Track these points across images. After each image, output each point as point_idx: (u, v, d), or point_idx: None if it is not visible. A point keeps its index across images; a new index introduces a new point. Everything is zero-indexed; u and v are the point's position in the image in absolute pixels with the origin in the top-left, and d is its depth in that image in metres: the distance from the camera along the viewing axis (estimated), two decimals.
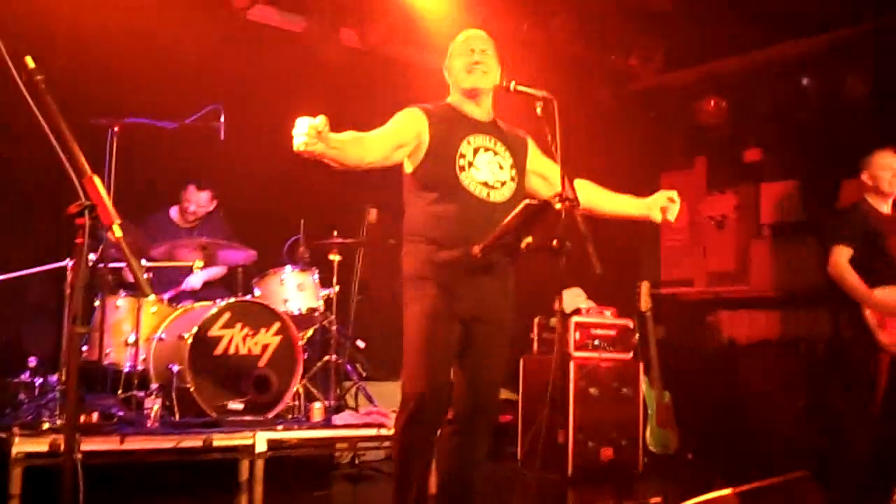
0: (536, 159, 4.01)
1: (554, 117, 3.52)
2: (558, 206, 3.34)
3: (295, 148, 3.27)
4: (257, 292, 6.18)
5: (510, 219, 3.47)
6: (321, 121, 3.24)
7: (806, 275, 7.73)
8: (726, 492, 3.32)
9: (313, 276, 6.33)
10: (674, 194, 3.97)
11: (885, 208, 5.50)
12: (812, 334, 7.86)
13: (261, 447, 5.16)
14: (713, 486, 3.47)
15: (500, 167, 3.85)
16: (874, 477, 5.06)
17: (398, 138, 3.75)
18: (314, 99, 7.22)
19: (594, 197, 3.96)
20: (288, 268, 6.26)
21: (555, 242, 3.33)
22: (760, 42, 7.93)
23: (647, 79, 8.73)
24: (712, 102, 8.43)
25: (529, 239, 3.51)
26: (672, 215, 3.97)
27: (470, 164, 3.77)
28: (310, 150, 3.26)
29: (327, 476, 6.35)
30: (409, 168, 3.83)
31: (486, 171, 3.79)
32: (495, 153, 3.86)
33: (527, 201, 3.46)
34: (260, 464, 5.14)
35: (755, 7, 7.34)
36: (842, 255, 5.30)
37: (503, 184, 3.83)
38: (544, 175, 4.00)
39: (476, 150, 3.81)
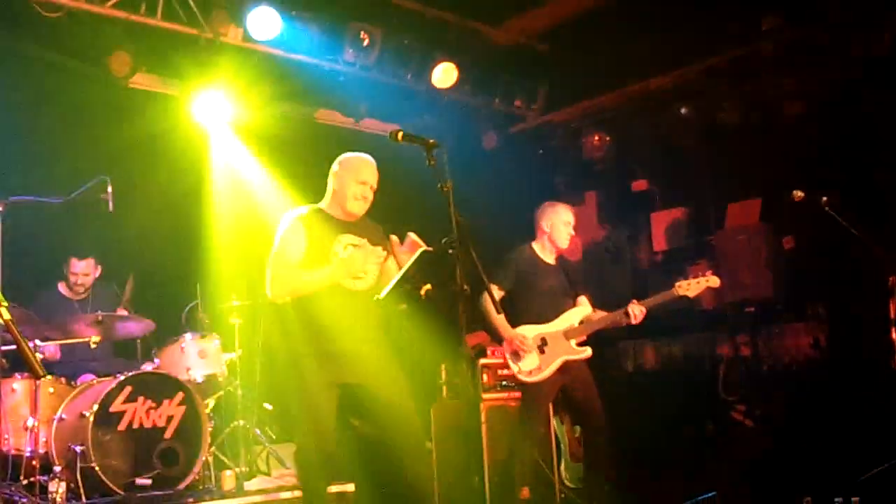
0: None
1: (444, 164, 3.57)
2: (452, 251, 3.38)
3: None
4: (158, 363, 6.05)
5: (407, 267, 3.50)
6: None
7: (699, 300, 7.92)
8: None
9: (214, 342, 6.23)
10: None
11: (550, 258, 5.82)
12: (714, 354, 8.05)
13: None
14: None
15: None
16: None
17: None
18: (203, 161, 7.26)
19: None
20: (188, 335, 6.16)
21: (454, 287, 3.36)
22: (637, 75, 8.18)
23: (531, 119, 8.92)
24: (596, 137, 8.64)
25: (428, 286, 3.54)
26: None
27: None
28: None
29: None
30: None
31: None
32: None
33: (422, 248, 3.50)
34: None
35: (629, 42, 7.59)
36: (488, 299, 5.35)
37: None
38: None
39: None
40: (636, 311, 5.59)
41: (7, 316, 2.62)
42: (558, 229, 5.79)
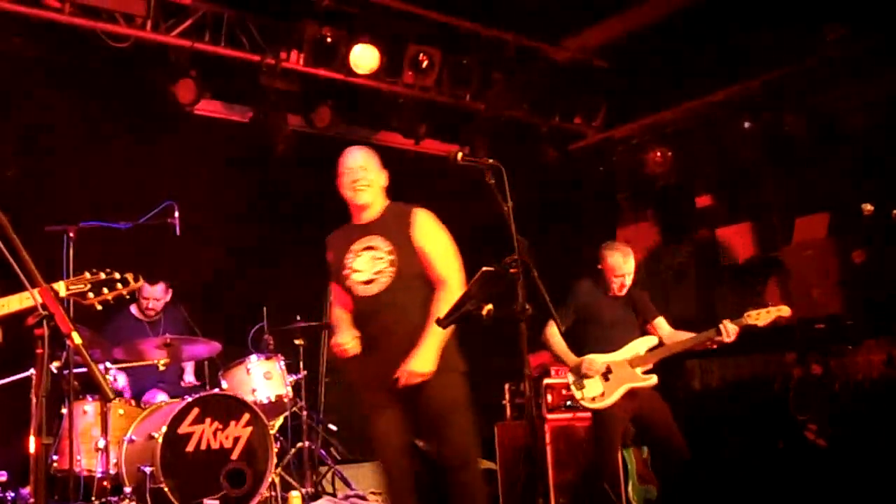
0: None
1: (503, 184, 3.56)
2: (513, 270, 3.37)
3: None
4: (224, 384, 6.12)
5: (468, 287, 3.49)
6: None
7: None
8: None
9: (279, 363, 6.29)
10: None
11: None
12: (784, 373, 7.90)
13: None
14: None
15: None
16: None
17: None
18: (264, 185, 7.35)
19: None
20: (253, 357, 6.22)
21: (516, 307, 3.35)
22: (698, 90, 8.11)
23: (592, 136, 8.88)
24: (658, 153, 8.56)
25: (490, 306, 3.52)
26: None
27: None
28: None
29: None
30: None
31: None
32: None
33: (484, 268, 3.48)
34: None
35: (690, 56, 7.52)
36: (551, 326, 5.63)
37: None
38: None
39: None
40: (730, 328, 5.52)
41: (78, 340, 2.67)
42: (608, 278, 5.75)
